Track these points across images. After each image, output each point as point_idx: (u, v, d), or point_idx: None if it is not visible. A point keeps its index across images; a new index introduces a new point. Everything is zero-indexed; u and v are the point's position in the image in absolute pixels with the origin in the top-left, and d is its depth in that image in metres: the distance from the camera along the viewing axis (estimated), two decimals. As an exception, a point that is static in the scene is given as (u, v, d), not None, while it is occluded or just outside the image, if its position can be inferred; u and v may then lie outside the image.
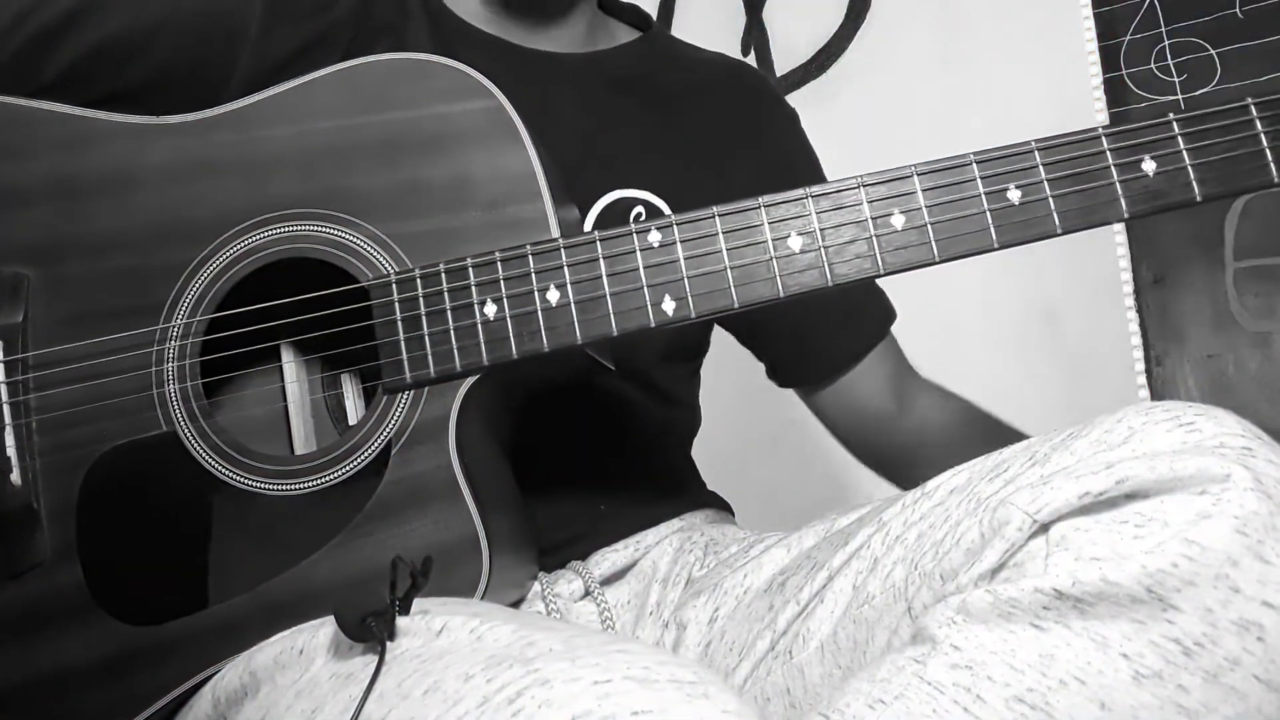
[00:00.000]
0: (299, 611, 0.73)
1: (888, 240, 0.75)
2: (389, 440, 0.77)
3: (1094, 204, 0.74)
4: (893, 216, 0.75)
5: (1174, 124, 0.74)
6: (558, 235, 0.78)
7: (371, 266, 0.79)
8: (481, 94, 0.80)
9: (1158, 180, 0.74)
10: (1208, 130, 0.74)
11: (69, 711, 0.77)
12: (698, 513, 1.00)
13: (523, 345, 0.77)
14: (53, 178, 0.83)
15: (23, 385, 0.81)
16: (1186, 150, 0.74)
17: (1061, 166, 0.74)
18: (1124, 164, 0.74)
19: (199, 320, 0.80)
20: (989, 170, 0.75)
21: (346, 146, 0.81)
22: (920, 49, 1.81)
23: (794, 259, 0.76)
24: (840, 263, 0.75)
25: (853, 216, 0.76)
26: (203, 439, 0.79)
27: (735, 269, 0.76)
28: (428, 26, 0.96)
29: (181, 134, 0.84)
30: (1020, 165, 0.75)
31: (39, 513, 0.79)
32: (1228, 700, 0.61)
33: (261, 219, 0.81)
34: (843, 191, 0.76)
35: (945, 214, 0.75)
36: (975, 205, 0.75)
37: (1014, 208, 0.74)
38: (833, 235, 0.76)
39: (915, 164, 0.75)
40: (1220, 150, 0.73)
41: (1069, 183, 0.74)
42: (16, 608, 0.78)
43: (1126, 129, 0.74)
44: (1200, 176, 0.73)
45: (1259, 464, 0.62)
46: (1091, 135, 0.74)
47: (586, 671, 0.54)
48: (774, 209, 0.76)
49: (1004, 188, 0.74)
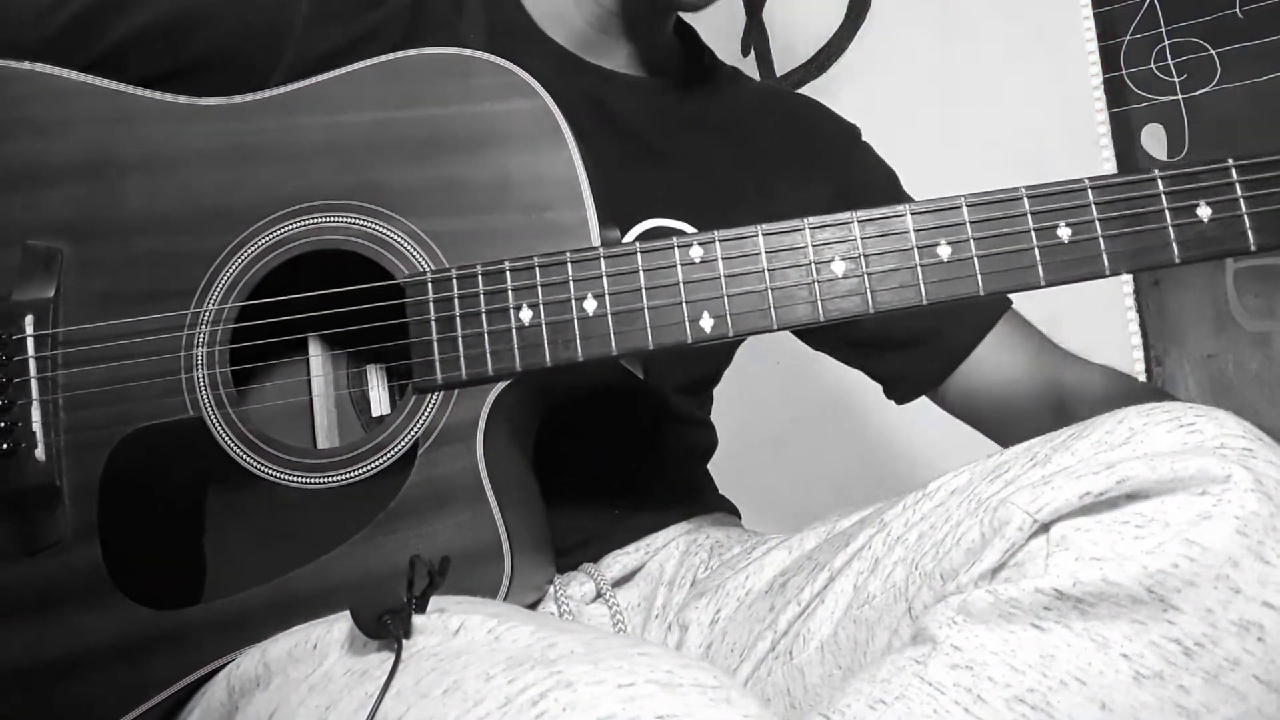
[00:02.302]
0: (317, 606, 0.73)
1: (932, 270, 0.74)
2: (416, 440, 0.77)
3: (1145, 247, 0.73)
4: (939, 246, 0.74)
5: (1232, 170, 0.72)
6: (598, 243, 0.77)
7: (407, 263, 0.79)
8: (527, 93, 0.79)
9: (1212, 227, 0.72)
10: (1267, 179, 0.72)
11: (81, 692, 0.77)
12: (705, 516, 1.00)
13: (557, 353, 0.76)
14: (91, 154, 0.83)
15: (51, 361, 0.81)
16: (1244, 199, 0.72)
17: (1114, 207, 0.73)
18: (1178, 208, 0.72)
19: (230, 307, 0.80)
20: (1040, 205, 0.73)
21: (387, 140, 0.80)
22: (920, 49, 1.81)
23: (836, 283, 0.75)
24: (883, 290, 0.74)
25: (898, 244, 0.74)
26: (229, 426, 0.79)
27: (776, 290, 0.75)
28: (485, 25, 0.95)
29: (222, 118, 0.83)
30: (1072, 203, 0.73)
31: (61, 490, 0.79)
32: (1228, 701, 0.61)
33: (297, 208, 0.80)
34: (890, 218, 0.75)
35: (993, 248, 0.74)
36: (1024, 241, 0.73)
37: (1063, 245, 0.73)
38: (877, 262, 0.74)
39: (965, 194, 0.74)
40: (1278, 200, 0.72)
41: (1121, 224, 0.73)
42: (33, 585, 0.78)
43: (1183, 172, 0.73)
44: (1257, 225, 0.72)
45: (1260, 465, 0.62)
46: (1147, 177, 0.73)
47: (610, 674, 0.54)
48: (819, 231, 0.75)
49: (1054, 224, 0.73)
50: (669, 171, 0.98)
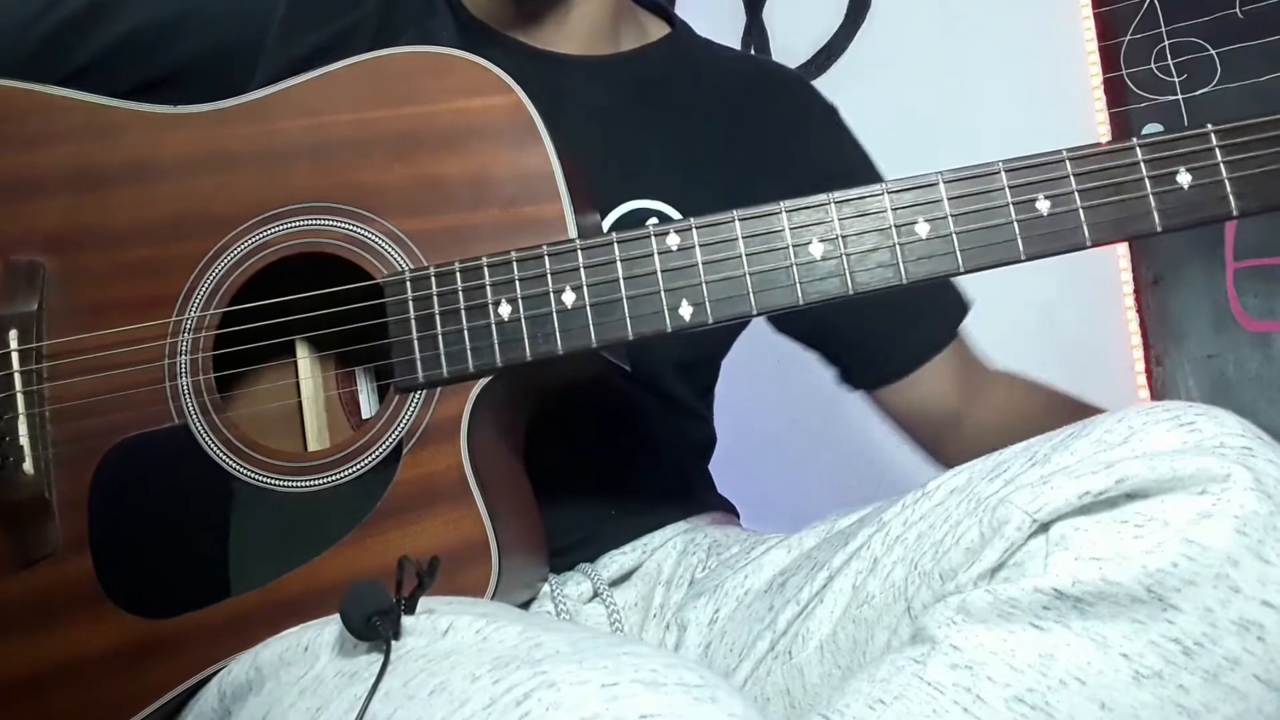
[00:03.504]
0: (308, 608, 0.73)
1: (911, 249, 0.73)
2: (400, 439, 0.77)
3: (1126, 216, 0.72)
4: (917, 225, 0.73)
5: (1212, 136, 0.72)
6: (575, 236, 0.77)
7: (387, 263, 0.79)
8: (502, 90, 0.79)
9: (1193, 193, 0.71)
10: (1247, 143, 0.71)
11: (76, 702, 0.77)
12: (703, 515, 1.00)
13: (537, 347, 0.76)
14: (71, 166, 0.83)
15: (36, 374, 0.81)
16: (1224, 163, 0.71)
17: (1093, 177, 0.72)
18: (1158, 175, 0.72)
19: (213, 313, 0.80)
20: (1017, 179, 0.73)
21: (364, 141, 0.80)
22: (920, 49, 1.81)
23: (815, 266, 0.74)
24: (862, 271, 0.74)
25: (876, 224, 0.74)
26: (214, 433, 0.79)
27: (755, 275, 0.75)
28: (453, 24, 0.95)
29: (199, 125, 0.83)
30: (1050, 175, 0.73)
31: (51, 502, 0.79)
32: (1228, 700, 0.61)
33: (278, 212, 0.80)
34: (866, 198, 0.74)
35: (971, 223, 0.73)
36: (1003, 215, 0.73)
37: (1043, 219, 0.72)
38: (855, 242, 0.74)
39: (941, 171, 0.73)
40: (1260, 164, 0.71)
41: (1100, 194, 0.72)
42: (27, 597, 0.78)
43: (1162, 139, 0.72)
44: (1238, 190, 0.71)
45: (1259, 464, 0.62)
46: (1125, 146, 0.73)
47: (594, 674, 0.53)
48: (796, 214, 0.75)
49: (1033, 198, 0.72)
50: (641, 152, 0.98)
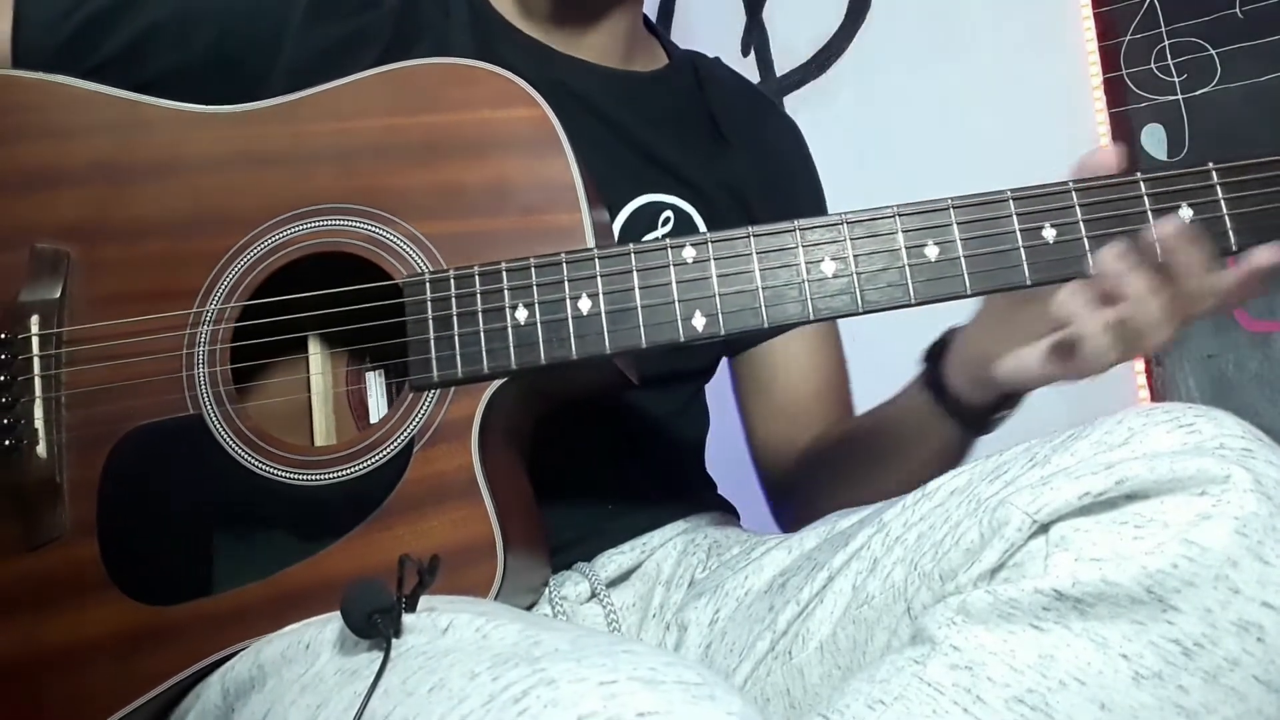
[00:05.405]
0: (313, 601, 0.74)
1: (920, 270, 0.75)
2: (412, 438, 0.78)
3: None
4: (927, 247, 0.76)
5: (1213, 173, 0.74)
6: (593, 245, 0.78)
7: (406, 264, 0.80)
8: (526, 102, 0.81)
9: (1194, 227, 0.73)
10: (1246, 181, 0.74)
11: (77, 686, 0.78)
12: (703, 515, 1.00)
13: (551, 351, 0.77)
14: (101, 159, 0.85)
15: (55, 359, 0.82)
16: (1225, 200, 0.73)
17: (1098, 208, 0.74)
18: (1161, 210, 0.74)
19: (232, 306, 0.81)
20: (1025, 207, 0.75)
21: (389, 146, 0.82)
22: (920, 49, 1.81)
23: (826, 283, 0.76)
24: (872, 289, 0.76)
25: (886, 245, 0.76)
26: (228, 424, 0.80)
27: (767, 289, 0.77)
28: (470, 25, 0.96)
29: (228, 124, 0.85)
30: (1056, 204, 0.75)
31: (61, 486, 0.80)
32: (1227, 701, 0.61)
33: (300, 212, 0.82)
34: (878, 220, 0.76)
35: (979, 248, 0.75)
36: (1010, 241, 0.75)
37: (1048, 245, 0.75)
38: (866, 262, 0.76)
39: (951, 197, 0.76)
40: (1257, 202, 0.73)
41: (1106, 224, 0.74)
42: (32, 580, 0.79)
43: (1165, 175, 0.74)
44: (1237, 226, 0.73)
45: (1259, 465, 0.63)
46: (1130, 180, 0.75)
47: (592, 672, 0.54)
48: (809, 233, 0.77)
49: (1039, 225, 0.75)
50: (654, 149, 1.00)
